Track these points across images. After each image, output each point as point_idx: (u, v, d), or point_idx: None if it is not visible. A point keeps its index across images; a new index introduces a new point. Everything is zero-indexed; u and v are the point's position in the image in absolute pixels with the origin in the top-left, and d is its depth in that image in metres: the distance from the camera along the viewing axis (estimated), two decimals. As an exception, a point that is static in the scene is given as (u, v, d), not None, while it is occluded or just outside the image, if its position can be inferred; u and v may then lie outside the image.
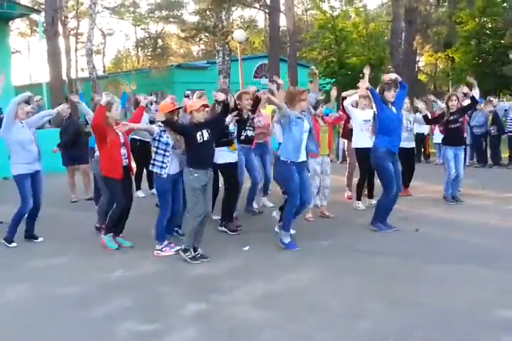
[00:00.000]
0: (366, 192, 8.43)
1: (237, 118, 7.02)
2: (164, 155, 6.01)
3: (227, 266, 5.64)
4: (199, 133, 5.71)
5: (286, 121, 6.09)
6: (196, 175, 5.71)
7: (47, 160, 8.10)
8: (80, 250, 6.40)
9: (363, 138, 8.00)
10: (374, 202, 8.13)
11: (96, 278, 5.35)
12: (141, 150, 9.12)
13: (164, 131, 5.96)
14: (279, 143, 7.11)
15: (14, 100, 6.53)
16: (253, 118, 7.51)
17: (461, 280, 5.02)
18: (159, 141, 5.99)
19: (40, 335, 4.12)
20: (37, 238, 6.88)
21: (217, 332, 4.06)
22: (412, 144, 9.16)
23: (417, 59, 36.35)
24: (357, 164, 8.39)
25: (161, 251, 6.11)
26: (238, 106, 7.07)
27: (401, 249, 6.04)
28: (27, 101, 8.11)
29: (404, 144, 8.06)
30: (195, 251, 5.84)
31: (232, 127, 7.07)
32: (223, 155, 6.94)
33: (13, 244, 6.61)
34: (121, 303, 4.66)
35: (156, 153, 6.04)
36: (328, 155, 7.81)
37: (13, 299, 4.89)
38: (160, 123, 5.97)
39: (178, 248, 6.02)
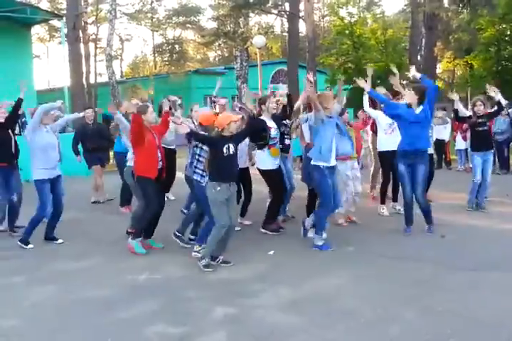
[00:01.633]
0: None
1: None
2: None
3: (253, 270, 5.64)
4: (226, 146, 5.63)
5: (319, 122, 6.15)
6: (219, 188, 5.59)
7: (67, 164, 8.18)
8: (105, 252, 6.44)
9: (388, 142, 7.95)
10: (398, 207, 8.11)
11: (122, 281, 5.37)
12: (167, 158, 9.13)
13: None
14: (306, 145, 7.13)
15: (44, 106, 6.63)
16: (290, 125, 7.53)
17: (488, 287, 4.96)
18: (202, 148, 5.99)
19: (68, 338, 4.13)
20: (56, 239, 6.91)
21: (247, 335, 4.06)
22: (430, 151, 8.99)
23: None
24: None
25: (198, 253, 6.11)
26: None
27: (427, 255, 5.99)
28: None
29: None
30: (215, 259, 5.82)
31: (275, 132, 7.06)
32: (264, 161, 7.02)
33: (30, 246, 6.65)
34: (148, 306, 4.67)
35: (197, 160, 6.06)
36: (357, 159, 7.83)
37: (40, 301, 4.91)
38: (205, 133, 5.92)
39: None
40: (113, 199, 9.64)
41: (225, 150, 5.62)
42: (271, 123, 7.08)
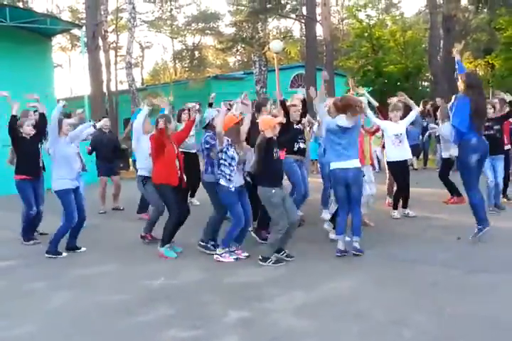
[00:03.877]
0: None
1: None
2: (231, 169, 6.12)
3: (267, 274, 5.67)
4: (275, 149, 5.83)
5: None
6: (274, 191, 5.79)
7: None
8: (122, 258, 6.54)
9: (395, 152, 8.05)
10: (408, 211, 8.19)
11: (139, 286, 5.44)
12: (187, 162, 9.22)
13: (231, 145, 6.08)
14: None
15: (54, 115, 6.55)
16: (303, 130, 7.56)
17: (507, 289, 4.92)
18: (226, 153, 6.10)
19: (86, 341, 4.21)
20: (79, 248, 6.95)
21: (260, 339, 4.09)
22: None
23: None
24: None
25: (221, 256, 6.19)
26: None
27: (443, 258, 5.96)
28: (68, 116, 8.37)
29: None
30: (280, 251, 5.98)
31: None
32: None
33: (64, 254, 6.71)
34: (163, 311, 4.73)
35: (222, 164, 6.14)
36: (372, 165, 7.91)
37: (58, 306, 5.01)
38: (228, 138, 6.07)
39: (236, 256, 6.18)
40: (123, 209, 9.74)
41: (274, 153, 5.81)
42: None
